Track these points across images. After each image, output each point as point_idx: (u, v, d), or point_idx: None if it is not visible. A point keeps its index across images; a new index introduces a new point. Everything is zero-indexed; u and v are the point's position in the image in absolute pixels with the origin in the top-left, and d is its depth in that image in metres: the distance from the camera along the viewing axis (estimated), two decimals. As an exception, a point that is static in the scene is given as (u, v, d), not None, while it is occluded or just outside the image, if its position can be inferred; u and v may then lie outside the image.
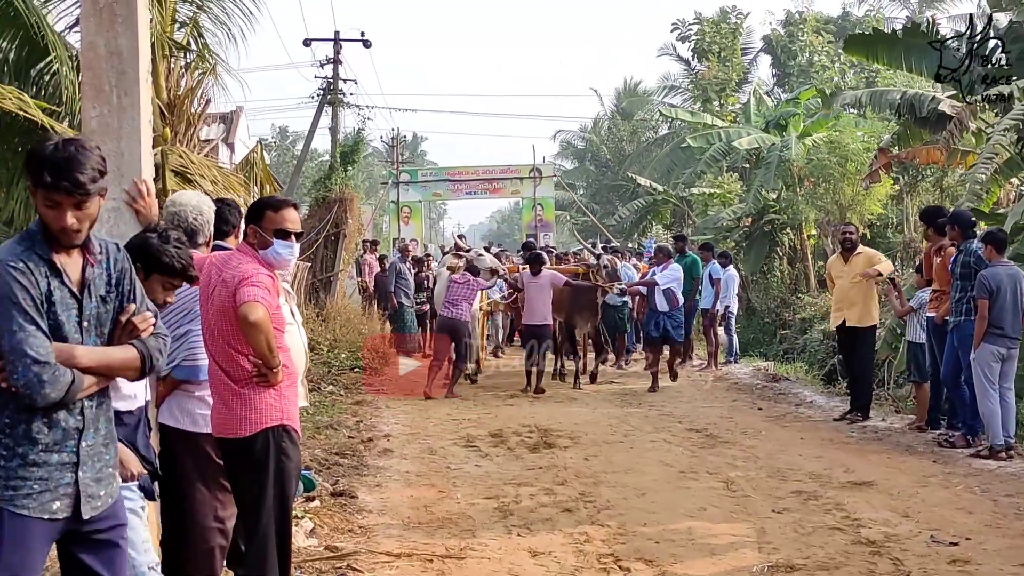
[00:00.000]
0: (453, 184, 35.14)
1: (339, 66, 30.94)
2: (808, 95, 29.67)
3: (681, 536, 7.47)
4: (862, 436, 11.44)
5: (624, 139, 49.33)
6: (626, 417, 12.78)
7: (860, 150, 23.46)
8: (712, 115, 32.03)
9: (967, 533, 7.44)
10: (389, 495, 8.83)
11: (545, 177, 34.71)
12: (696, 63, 37.63)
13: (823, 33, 36.94)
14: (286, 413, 5.23)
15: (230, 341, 5.12)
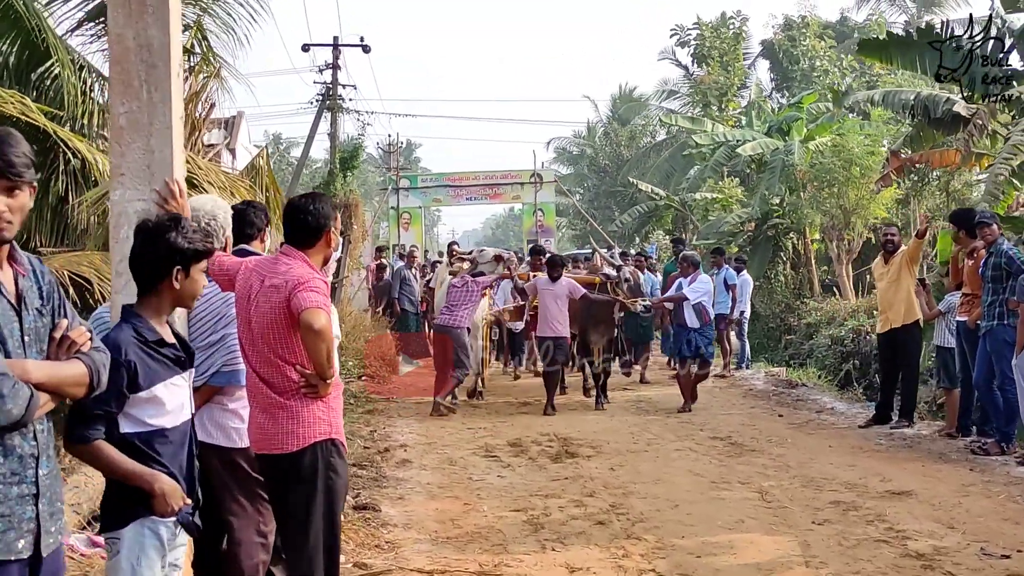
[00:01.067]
0: (453, 190, 34.83)
1: (338, 71, 30.64)
2: (811, 99, 29.50)
3: (722, 550, 7.21)
4: (891, 444, 11.18)
5: (622, 144, 49.09)
6: (646, 425, 12.52)
7: (864, 154, 23.28)
8: (712, 120, 31.81)
9: (1018, 545, 7.18)
10: (413, 508, 8.56)
11: (546, 182, 34.45)
12: (696, 68, 37.44)
13: (825, 38, 36.76)
14: (334, 427, 4.98)
15: (277, 350, 4.84)
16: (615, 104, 54.37)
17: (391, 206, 34.57)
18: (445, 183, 35.48)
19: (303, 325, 4.68)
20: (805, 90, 32.95)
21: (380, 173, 60.26)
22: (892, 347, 12.18)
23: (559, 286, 14.15)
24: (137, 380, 3.82)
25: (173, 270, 3.96)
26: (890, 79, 32.49)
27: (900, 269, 11.87)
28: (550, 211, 34.60)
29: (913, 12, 41.10)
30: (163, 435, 3.91)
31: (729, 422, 12.71)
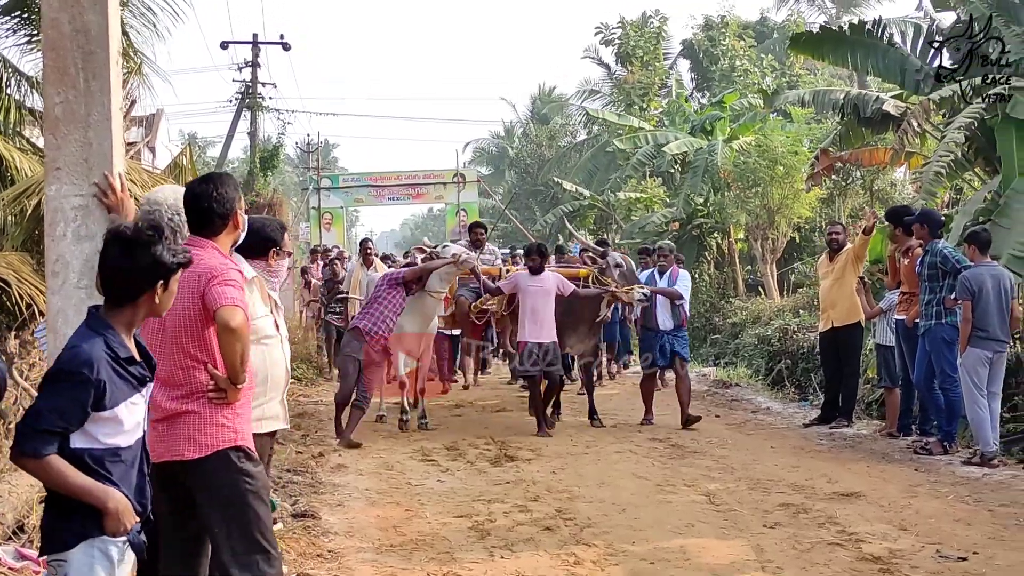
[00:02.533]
0: (376, 189, 34.46)
1: (258, 69, 30.16)
2: (733, 98, 29.63)
3: (675, 556, 7.03)
4: (833, 444, 11.14)
5: (542, 144, 49.02)
6: (584, 427, 12.35)
7: (788, 153, 23.40)
8: (637, 118, 31.84)
9: (972, 547, 7.11)
10: (354, 515, 8.28)
11: (469, 182, 34.26)
12: (618, 67, 37.47)
13: (745, 38, 36.99)
14: (241, 433, 4.63)
15: (189, 348, 4.49)
16: (535, 104, 54.33)
17: (312, 206, 34.13)
18: (367, 183, 35.11)
19: (219, 323, 4.39)
20: (726, 90, 33.14)
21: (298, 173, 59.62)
22: (834, 346, 12.14)
23: (544, 280, 12.00)
24: (103, 400, 3.56)
25: (156, 284, 3.71)
26: (810, 78, 32.81)
27: (845, 267, 11.85)
28: (473, 211, 34.40)
29: (832, 12, 41.62)
30: (116, 454, 3.66)
31: (666, 423, 12.57)
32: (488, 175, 53.32)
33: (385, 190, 34.70)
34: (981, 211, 13.58)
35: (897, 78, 16.20)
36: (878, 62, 15.95)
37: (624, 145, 29.09)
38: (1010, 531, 7.57)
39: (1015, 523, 7.77)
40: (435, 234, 79.36)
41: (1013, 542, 7.28)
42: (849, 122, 17.06)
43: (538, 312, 11.87)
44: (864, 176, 23.61)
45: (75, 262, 4.88)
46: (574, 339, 12.72)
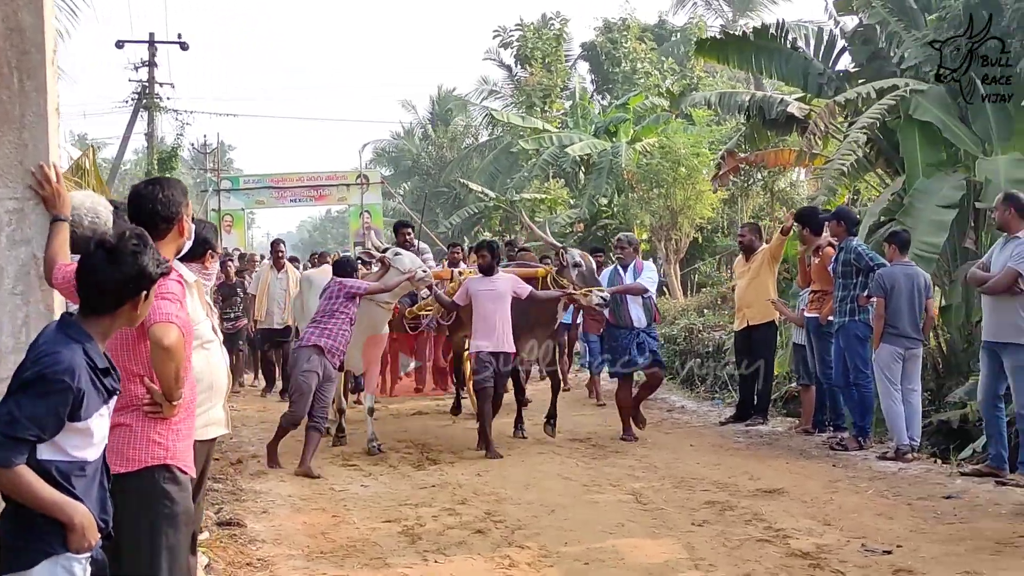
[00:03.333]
0: (277, 191, 34.06)
1: (155, 69, 29.66)
2: (637, 100, 29.91)
3: (609, 556, 7.08)
4: (751, 441, 11.30)
5: (444, 146, 48.95)
6: (503, 428, 12.32)
7: (691, 155, 23.72)
8: (540, 120, 31.97)
9: (896, 540, 7.28)
10: (280, 522, 8.18)
11: (373, 183, 34.05)
12: (519, 69, 37.56)
13: (645, 40, 37.34)
14: (173, 452, 4.46)
15: (122, 360, 4.30)
16: (435, 105, 54.21)
17: (212, 208, 33.63)
18: (268, 184, 34.69)
19: (152, 340, 4.24)
20: (627, 92, 33.44)
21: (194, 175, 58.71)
22: (748, 344, 12.28)
23: (498, 283, 10.97)
24: (79, 410, 3.46)
25: (140, 294, 3.62)
26: (710, 81, 33.26)
27: (761, 267, 12.00)
28: (377, 212, 34.18)
29: (729, 16, 42.21)
30: (82, 468, 3.56)
31: (584, 423, 12.65)
32: (389, 176, 53.01)
33: (287, 192, 34.32)
34: (884, 211, 13.90)
35: (800, 81, 16.48)
36: (781, 66, 16.22)
37: (528, 146, 29.19)
38: (930, 524, 7.75)
39: (933, 516, 7.96)
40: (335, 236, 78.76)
41: (934, 534, 7.46)
42: (754, 124, 17.32)
43: (490, 318, 10.79)
44: (765, 177, 24.02)
45: (10, 268, 4.73)
46: (530, 344, 11.45)
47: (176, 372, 4.29)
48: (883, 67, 15.06)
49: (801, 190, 25.64)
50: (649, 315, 11.41)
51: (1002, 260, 8.97)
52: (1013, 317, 8.81)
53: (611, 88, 37.12)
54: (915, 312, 9.98)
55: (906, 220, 12.44)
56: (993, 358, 9.06)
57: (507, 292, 10.90)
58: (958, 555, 6.93)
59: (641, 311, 11.33)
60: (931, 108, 13.55)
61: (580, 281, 11.18)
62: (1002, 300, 8.89)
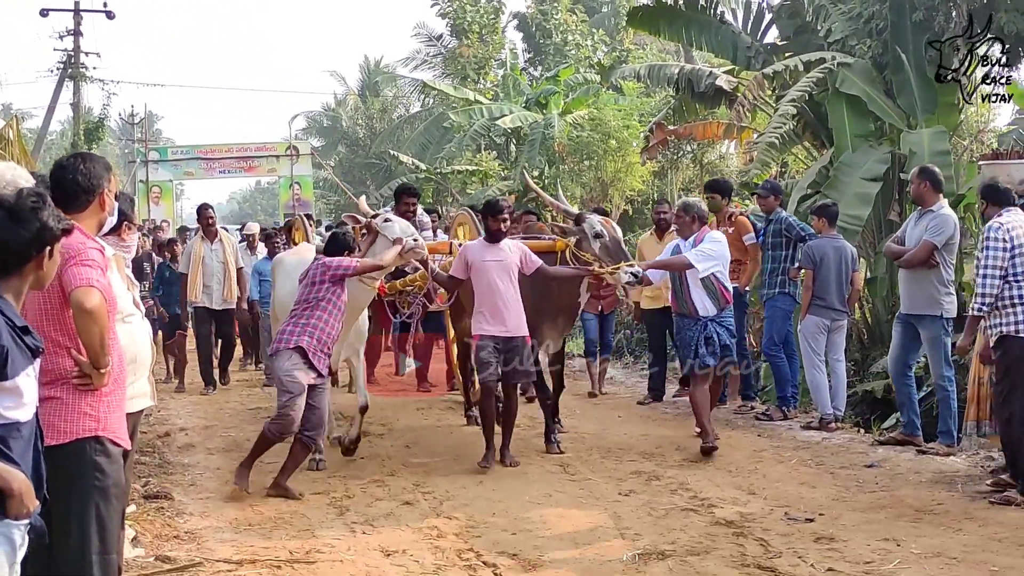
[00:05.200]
0: (206, 163, 33.69)
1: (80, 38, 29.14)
2: (568, 73, 29.89)
3: (536, 525, 7.14)
4: (678, 412, 11.39)
5: (374, 117, 48.63)
6: (432, 401, 12.33)
7: (621, 127, 23.82)
8: (472, 91, 31.88)
9: (818, 508, 7.43)
10: (208, 495, 8.16)
11: (303, 155, 33.79)
12: (452, 39, 37.35)
13: (576, 12, 37.30)
14: (104, 423, 4.43)
15: (50, 332, 4.29)
16: (365, 75, 53.76)
17: (140, 179, 33.21)
18: (197, 156, 34.31)
19: (73, 305, 4.22)
20: (558, 63, 33.43)
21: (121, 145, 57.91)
22: (664, 323, 11.79)
23: (504, 251, 8.85)
24: (5, 368, 3.42)
25: (43, 252, 3.58)
26: (640, 53, 33.34)
27: None
28: (307, 184, 34.01)
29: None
30: (17, 429, 3.52)
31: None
32: (320, 147, 52.60)
33: (216, 163, 33.98)
34: (812, 184, 14.06)
35: (729, 54, 16.58)
36: (711, 38, 16.30)
37: (459, 118, 29.10)
38: (851, 492, 7.91)
39: (855, 484, 8.13)
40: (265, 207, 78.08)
41: (855, 502, 7.61)
42: (683, 97, 17.40)
43: (497, 294, 8.76)
44: (695, 150, 24.17)
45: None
46: (549, 332, 9.56)
47: (101, 337, 4.27)
48: (810, 40, 15.20)
49: (731, 162, 25.85)
50: (716, 299, 9.21)
51: (917, 233, 9.19)
52: (929, 289, 9.04)
53: (543, 59, 37.04)
54: (842, 285, 10.13)
55: (832, 193, 12.61)
56: (907, 329, 9.31)
57: (515, 263, 8.82)
58: (878, 522, 7.08)
59: (704, 295, 9.17)
60: (857, 81, 13.73)
61: (604, 255, 9.04)
62: (918, 273, 9.11)
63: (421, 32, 41.16)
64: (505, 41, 36.87)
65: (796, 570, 6.17)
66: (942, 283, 9.09)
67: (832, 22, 14.68)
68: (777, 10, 16.25)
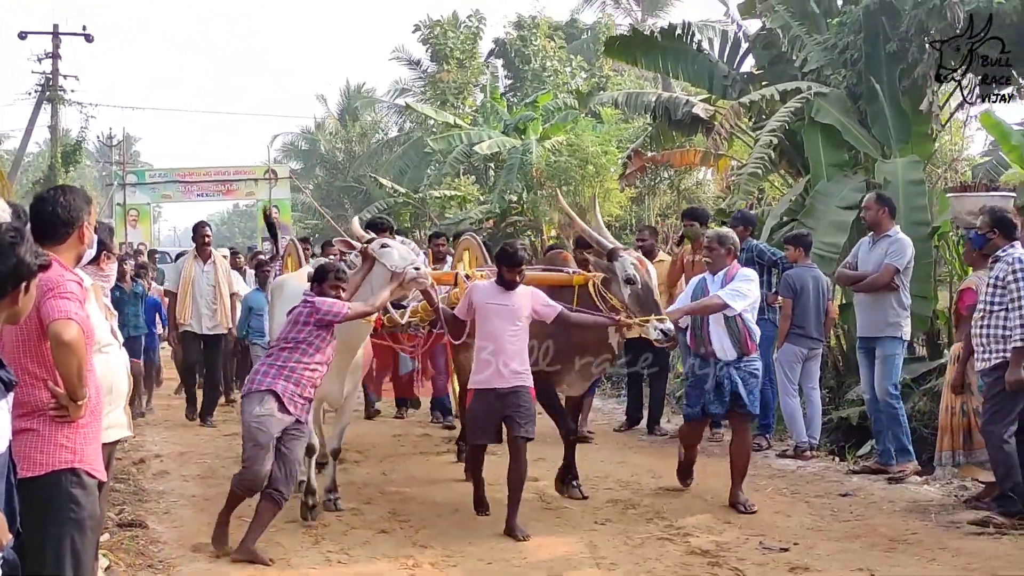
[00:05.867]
0: (184, 186, 33.72)
1: (59, 61, 29.11)
2: (547, 98, 30.01)
3: (512, 555, 7.17)
4: (654, 440, 11.45)
5: (353, 141, 48.68)
6: (409, 427, 12.34)
7: (599, 153, 23.91)
8: (453, 115, 31.97)
9: (793, 538, 7.47)
10: (182, 523, 8.13)
11: (281, 178, 33.80)
12: (432, 65, 37.47)
13: (555, 38, 37.49)
14: (80, 455, 4.44)
15: (27, 364, 4.31)
16: (344, 99, 53.87)
17: (117, 202, 33.14)
18: (175, 179, 34.29)
19: (52, 338, 4.24)
20: (537, 89, 33.57)
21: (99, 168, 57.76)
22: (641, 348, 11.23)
23: (517, 297, 7.88)
24: None
25: (19, 287, 3.58)
26: (618, 80, 33.54)
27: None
28: (285, 207, 34.03)
29: (637, 15, 42.55)
30: None
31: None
32: (298, 170, 52.60)
33: (194, 186, 34.00)
34: (787, 212, 14.15)
35: (705, 83, 16.69)
36: (687, 67, 16.41)
37: (438, 145, 29.18)
38: (826, 521, 7.96)
39: (830, 513, 8.18)
40: (243, 230, 77.86)
41: (830, 532, 7.66)
42: (660, 124, 17.51)
43: (497, 341, 7.80)
44: (672, 176, 24.29)
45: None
46: (572, 376, 8.76)
47: (79, 369, 4.28)
48: (785, 70, 15.32)
49: (708, 189, 25.97)
50: (739, 343, 8.33)
51: (875, 258, 9.46)
52: (888, 312, 9.38)
53: (521, 85, 37.20)
54: (819, 314, 10.25)
55: (808, 221, 12.70)
56: (869, 354, 9.54)
57: (525, 311, 7.87)
58: (853, 552, 7.13)
59: (726, 336, 8.32)
60: (832, 111, 13.85)
61: (634, 304, 8.08)
62: (878, 296, 9.42)
63: (401, 56, 41.33)
64: (485, 67, 36.98)
65: (771, 600, 6.22)
66: (901, 306, 9.46)
67: (807, 52, 14.79)
68: (753, 40, 16.38)
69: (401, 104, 40.15)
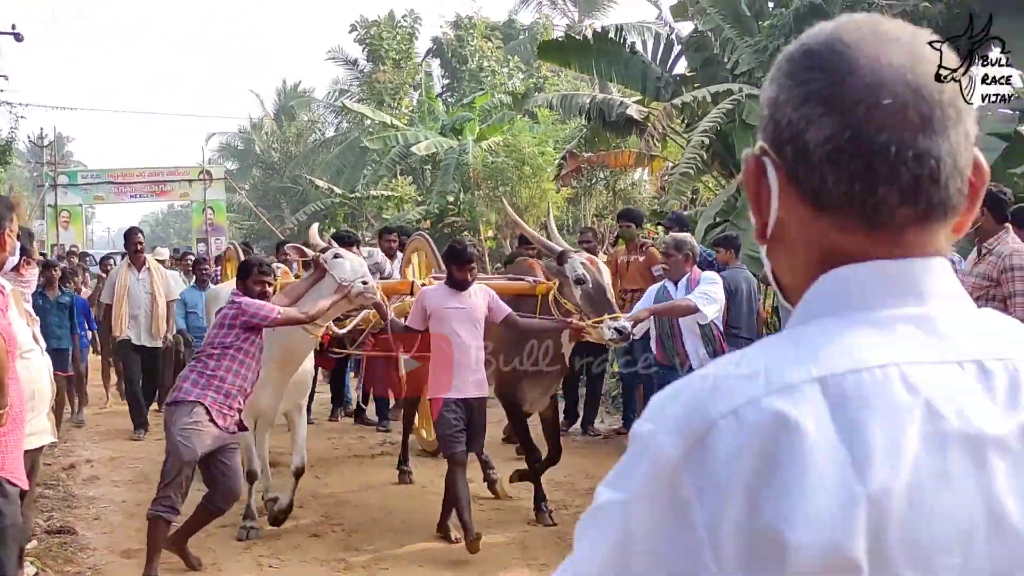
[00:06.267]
0: (117, 187, 33.31)
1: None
2: (483, 100, 30.09)
3: (443, 557, 7.21)
4: (588, 440, 11.50)
5: (290, 141, 48.41)
6: (343, 430, 12.31)
7: (536, 153, 23.99)
8: (390, 115, 31.95)
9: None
10: (113, 529, 8.10)
11: (216, 179, 33.52)
12: (369, 65, 37.40)
13: (493, 39, 37.55)
14: (0, 463, 4.42)
15: None
16: (282, 99, 53.55)
17: (48, 204, 32.71)
18: (108, 180, 33.89)
19: None
20: (475, 90, 33.62)
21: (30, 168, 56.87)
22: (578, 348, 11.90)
23: (471, 299, 7.53)
24: None
25: None
26: (555, 81, 33.65)
27: None
28: (220, 209, 33.73)
29: (574, 16, 42.69)
30: None
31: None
32: (235, 171, 52.20)
33: (127, 187, 33.60)
34: (719, 213, 14.30)
35: (639, 85, 16.84)
36: (621, 69, 16.55)
37: (375, 146, 29.15)
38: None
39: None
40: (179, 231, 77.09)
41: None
42: (594, 126, 17.62)
43: (459, 348, 7.44)
44: (607, 177, 24.43)
45: None
46: (537, 391, 8.32)
47: (0, 378, 4.23)
48: (717, 72, 15.51)
49: (643, 190, 26.15)
50: (715, 350, 8.06)
51: None
52: None
53: (459, 86, 37.23)
54: (752, 314, 10.32)
55: (741, 221, 12.84)
56: None
57: (481, 312, 7.53)
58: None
59: (700, 343, 8.08)
60: (763, 113, 14.00)
61: (585, 303, 7.58)
62: None
63: (337, 56, 41.18)
64: (421, 67, 36.98)
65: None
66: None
67: (739, 54, 14.98)
68: (686, 42, 16.57)
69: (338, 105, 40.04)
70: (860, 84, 1.11)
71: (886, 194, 1.10)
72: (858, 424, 1.02)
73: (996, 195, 7.14)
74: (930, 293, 1.12)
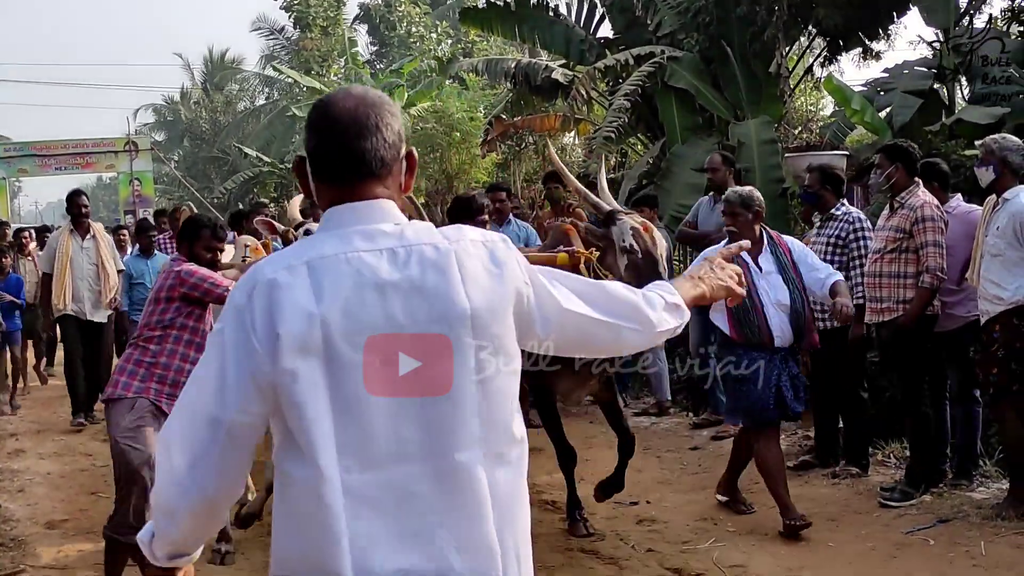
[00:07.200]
0: (40, 159, 32.74)
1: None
2: (411, 66, 29.96)
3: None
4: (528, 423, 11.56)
5: (218, 110, 47.89)
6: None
7: (465, 119, 23.96)
8: (320, 82, 31.71)
9: (643, 492, 7.72)
10: (36, 501, 8.10)
11: (142, 150, 33.08)
12: (296, 31, 37.08)
13: (420, 4, 37.36)
14: None
15: None
16: (209, 68, 52.94)
17: (-32, 178, 32.16)
18: (31, 152, 33.31)
19: None
20: (403, 56, 33.45)
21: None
22: None
23: None
24: None
25: None
26: (484, 46, 33.58)
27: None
28: (148, 180, 33.31)
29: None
30: None
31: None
32: (163, 142, 51.56)
33: (51, 159, 33.02)
34: (644, 175, 14.41)
35: (563, 49, 16.80)
36: (544, 34, 16.48)
37: (304, 112, 28.93)
38: (675, 475, 8.23)
39: (680, 467, 8.45)
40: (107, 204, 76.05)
41: (678, 484, 7.92)
42: (520, 90, 17.64)
43: None
44: (537, 141, 24.47)
45: None
46: (568, 383, 7.08)
47: None
48: (641, 34, 15.48)
49: (574, 154, 26.21)
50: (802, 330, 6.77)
51: (715, 218, 9.30)
52: None
53: (387, 52, 37.03)
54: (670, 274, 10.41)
55: (664, 183, 12.96)
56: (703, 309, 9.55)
57: None
58: (699, 503, 7.40)
59: (786, 319, 6.72)
60: (686, 75, 14.06)
61: (631, 276, 5.83)
62: None
63: (263, 26, 40.82)
64: (348, 33, 36.70)
65: (617, 551, 6.41)
66: (745, 264, 9.40)
67: (661, 16, 14.99)
68: (609, 5, 16.52)
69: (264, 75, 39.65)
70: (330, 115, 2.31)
71: (344, 170, 2.24)
72: (319, 280, 2.10)
73: (907, 150, 7.32)
74: (375, 219, 2.20)
